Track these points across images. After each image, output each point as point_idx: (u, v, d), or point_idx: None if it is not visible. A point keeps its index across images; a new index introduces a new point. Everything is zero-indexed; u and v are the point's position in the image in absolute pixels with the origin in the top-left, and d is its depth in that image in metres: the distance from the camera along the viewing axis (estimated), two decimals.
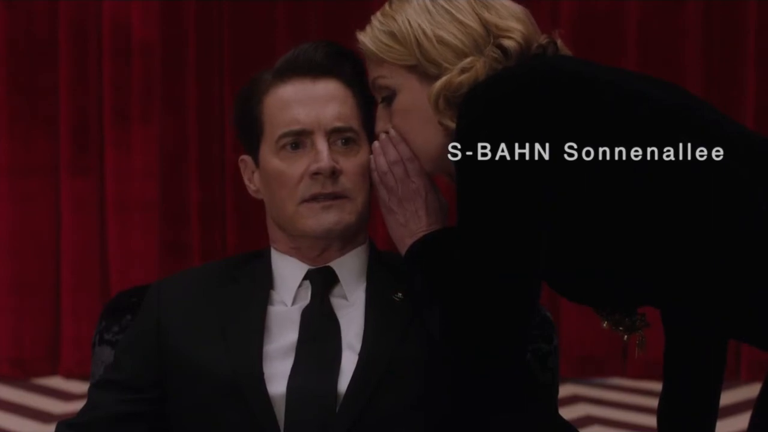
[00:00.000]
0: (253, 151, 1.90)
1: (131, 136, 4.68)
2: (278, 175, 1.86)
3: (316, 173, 1.83)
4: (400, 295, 1.87)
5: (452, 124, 1.74)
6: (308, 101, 1.86)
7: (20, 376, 4.67)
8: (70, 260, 4.69)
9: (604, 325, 1.84)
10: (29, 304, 4.69)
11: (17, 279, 4.68)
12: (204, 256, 4.64)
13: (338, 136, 1.86)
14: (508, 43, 1.75)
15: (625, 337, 1.85)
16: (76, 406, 2.00)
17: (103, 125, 4.69)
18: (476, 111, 1.69)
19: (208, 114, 4.66)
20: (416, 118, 1.78)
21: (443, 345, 1.76)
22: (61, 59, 4.66)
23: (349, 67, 1.88)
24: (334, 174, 1.83)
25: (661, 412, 1.94)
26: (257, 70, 1.94)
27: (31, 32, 4.66)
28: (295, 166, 1.85)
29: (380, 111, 1.83)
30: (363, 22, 1.83)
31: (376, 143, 1.84)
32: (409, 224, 1.82)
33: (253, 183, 1.92)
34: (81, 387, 4.34)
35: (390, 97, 1.80)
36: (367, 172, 1.86)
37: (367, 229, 1.93)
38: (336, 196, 1.84)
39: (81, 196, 4.69)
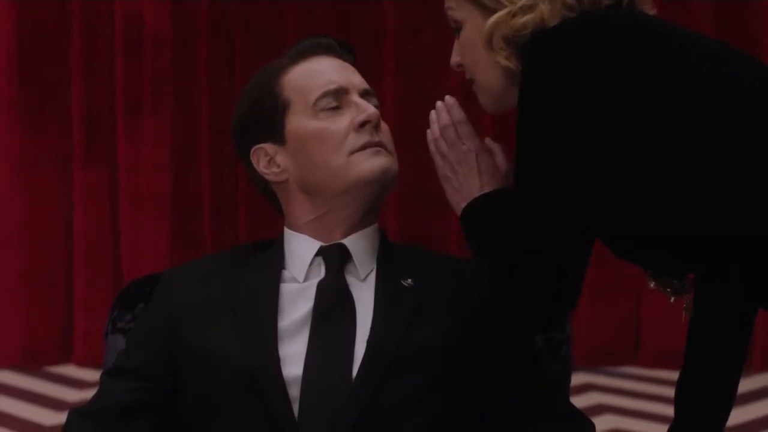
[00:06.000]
0: (274, 132, 1.92)
1: (143, 129, 4.68)
2: (320, 133, 1.89)
3: (365, 122, 1.88)
4: (410, 281, 1.88)
5: (506, 63, 1.75)
6: (337, 68, 1.93)
7: (33, 368, 4.68)
8: (82, 252, 4.69)
9: (652, 285, 1.85)
10: (42, 297, 4.70)
11: (29, 271, 4.69)
12: (216, 248, 4.64)
13: (369, 98, 1.93)
14: None
15: (672, 299, 1.86)
16: (89, 393, 2.01)
17: (116, 118, 4.70)
18: (544, 57, 1.69)
19: (220, 107, 4.66)
20: (477, 53, 1.80)
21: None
22: (73, 52, 4.66)
23: (354, 57, 1.98)
24: (378, 124, 1.90)
25: (680, 388, 1.93)
26: (268, 63, 1.99)
27: (43, 25, 4.67)
28: (339, 122, 1.89)
29: (455, 44, 1.85)
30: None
31: (432, 112, 1.89)
32: (462, 188, 1.85)
33: (275, 165, 1.93)
34: (94, 375, 4.36)
35: (459, 30, 1.83)
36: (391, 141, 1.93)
37: (378, 210, 1.95)
38: (382, 146, 1.90)
39: (93, 189, 4.69)
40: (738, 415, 3.85)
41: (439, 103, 1.87)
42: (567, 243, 1.71)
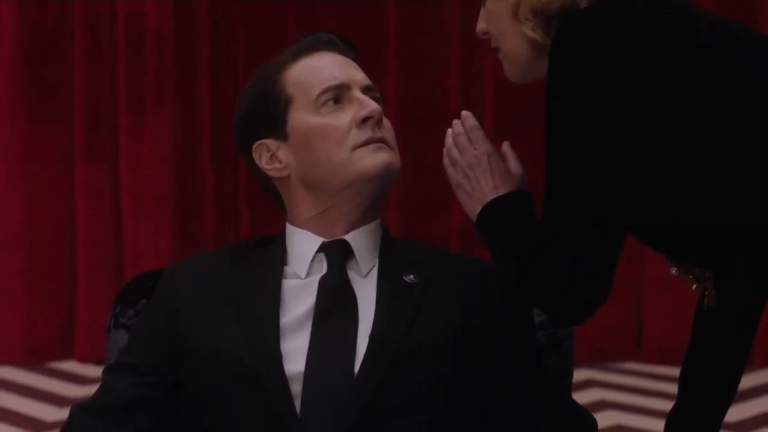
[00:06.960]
0: (276, 128, 1.92)
1: (145, 128, 4.68)
2: (322, 129, 1.89)
3: (367, 118, 1.88)
4: (412, 277, 1.88)
5: (532, 34, 1.75)
6: (339, 64, 1.93)
7: (35, 364, 4.68)
8: (84, 250, 4.70)
9: (673, 271, 1.86)
10: (43, 294, 4.69)
11: (32, 269, 4.68)
12: (218, 246, 4.63)
13: (371, 94, 1.93)
14: None
15: (694, 286, 1.87)
16: (91, 389, 2.01)
17: (117, 116, 4.69)
18: (571, 39, 1.70)
19: (221, 105, 4.66)
20: (503, 22, 1.80)
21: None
22: (75, 51, 4.66)
23: (356, 53, 1.97)
24: (380, 120, 1.90)
25: (682, 374, 1.94)
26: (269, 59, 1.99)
27: (45, 21, 4.66)
28: (341, 118, 1.89)
29: (481, 12, 1.85)
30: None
31: (449, 129, 1.89)
32: (475, 191, 1.84)
33: (277, 161, 1.93)
34: (96, 371, 4.36)
35: None
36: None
37: (380, 206, 1.95)
38: (384, 142, 1.90)
39: (95, 187, 4.69)
40: (739, 412, 3.86)
41: (455, 120, 1.88)
42: (580, 231, 1.71)
